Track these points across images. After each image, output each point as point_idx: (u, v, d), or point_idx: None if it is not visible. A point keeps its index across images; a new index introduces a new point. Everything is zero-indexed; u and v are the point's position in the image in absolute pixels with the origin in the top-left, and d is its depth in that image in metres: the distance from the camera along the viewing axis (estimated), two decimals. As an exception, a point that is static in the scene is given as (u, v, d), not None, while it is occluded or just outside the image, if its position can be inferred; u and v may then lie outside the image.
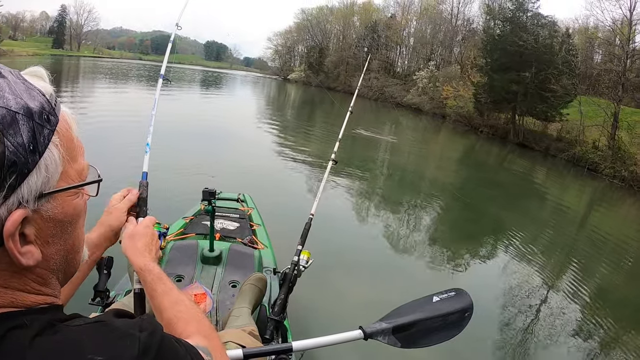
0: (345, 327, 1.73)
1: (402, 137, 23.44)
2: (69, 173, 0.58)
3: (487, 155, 23.48)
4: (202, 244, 3.16)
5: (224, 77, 70.02)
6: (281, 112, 28.82)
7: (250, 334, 2.06)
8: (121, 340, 0.57)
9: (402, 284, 5.59)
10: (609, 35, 26.83)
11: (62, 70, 34.84)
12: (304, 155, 12.66)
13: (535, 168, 20.92)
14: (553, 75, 25.45)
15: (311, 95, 51.57)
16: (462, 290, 1.86)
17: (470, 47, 42.23)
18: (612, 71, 24.19)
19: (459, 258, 7.12)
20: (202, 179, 7.61)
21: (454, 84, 38.21)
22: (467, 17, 49.87)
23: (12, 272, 0.54)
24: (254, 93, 47.04)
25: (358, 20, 67.02)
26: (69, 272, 0.66)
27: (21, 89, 0.53)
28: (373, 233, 7.51)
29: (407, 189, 11.60)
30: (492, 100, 29.74)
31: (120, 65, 59.72)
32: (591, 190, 18.13)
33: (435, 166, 16.52)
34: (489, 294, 5.65)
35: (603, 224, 11.88)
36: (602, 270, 7.99)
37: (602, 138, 22.21)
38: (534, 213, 11.33)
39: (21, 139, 0.50)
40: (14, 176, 0.50)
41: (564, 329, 5.15)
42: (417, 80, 45.08)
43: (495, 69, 29.58)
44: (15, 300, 0.55)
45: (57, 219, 0.58)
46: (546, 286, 6.43)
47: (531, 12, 29.59)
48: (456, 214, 9.95)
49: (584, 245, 9.42)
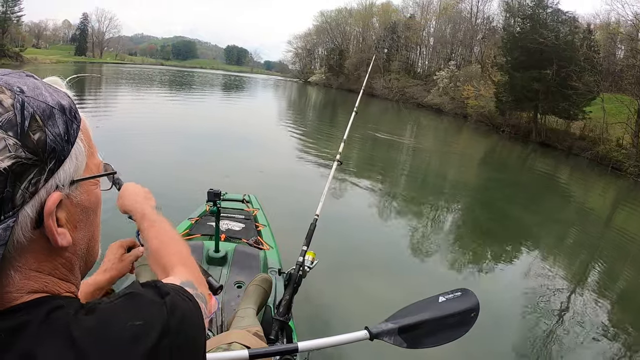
0: (351, 327, 1.76)
1: (423, 138, 23.46)
2: (90, 166, 0.67)
3: (509, 155, 23.31)
4: (208, 244, 3.22)
5: (246, 81, 70.37)
6: (301, 114, 28.98)
7: (256, 334, 2.08)
8: (152, 306, 0.64)
9: (408, 284, 5.58)
10: (631, 30, 26.36)
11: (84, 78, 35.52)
12: (310, 155, 12.68)
13: (558, 167, 20.72)
14: (575, 73, 25.04)
15: (332, 97, 51.59)
16: (468, 290, 1.87)
17: (491, 45, 41.78)
18: (635, 67, 23.60)
19: (472, 259, 7.06)
20: (210, 180, 7.39)
21: (475, 84, 37.96)
22: (487, 16, 49.28)
23: (45, 255, 0.61)
24: (275, 96, 47.26)
25: (377, 22, 66.84)
26: (90, 262, 0.72)
27: (51, 90, 0.62)
28: (378, 234, 7.49)
29: (424, 190, 11.59)
30: (513, 99, 29.42)
31: (144, 71, 60.50)
32: (615, 189, 17.89)
33: (456, 167, 16.50)
34: (505, 295, 5.65)
35: (628, 225, 11.71)
36: (626, 273, 7.83)
37: (626, 136, 21.87)
38: (556, 213, 11.23)
39: (58, 130, 0.58)
40: (54, 161, 0.57)
41: (580, 332, 5.06)
42: (437, 80, 44.89)
43: (516, 67, 29.20)
44: (47, 285, 0.61)
45: (84, 205, 0.66)
46: (567, 288, 6.32)
47: (551, 9, 29.14)
48: (476, 215, 9.97)
49: (607, 246, 9.22)
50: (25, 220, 0.55)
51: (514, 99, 29.42)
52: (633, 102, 22.06)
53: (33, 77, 0.61)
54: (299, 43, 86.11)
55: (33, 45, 76.71)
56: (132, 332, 0.58)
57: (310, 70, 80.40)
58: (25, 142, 0.53)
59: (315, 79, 73.67)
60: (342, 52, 71.17)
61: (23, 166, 0.53)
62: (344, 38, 73.77)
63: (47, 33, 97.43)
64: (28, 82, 0.58)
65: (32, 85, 0.58)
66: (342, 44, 73.31)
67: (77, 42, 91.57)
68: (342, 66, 68.31)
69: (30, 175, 0.54)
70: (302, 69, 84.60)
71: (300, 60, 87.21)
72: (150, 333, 0.60)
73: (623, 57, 30.92)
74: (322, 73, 73.89)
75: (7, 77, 0.57)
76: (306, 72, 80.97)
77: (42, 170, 0.55)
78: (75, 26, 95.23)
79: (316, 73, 76.32)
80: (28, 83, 0.58)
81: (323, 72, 73.87)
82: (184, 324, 0.66)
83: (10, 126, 0.53)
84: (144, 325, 0.60)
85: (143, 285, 0.69)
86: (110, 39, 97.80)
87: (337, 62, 70.13)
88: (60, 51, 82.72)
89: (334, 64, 70.86)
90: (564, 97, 25.86)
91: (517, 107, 29.92)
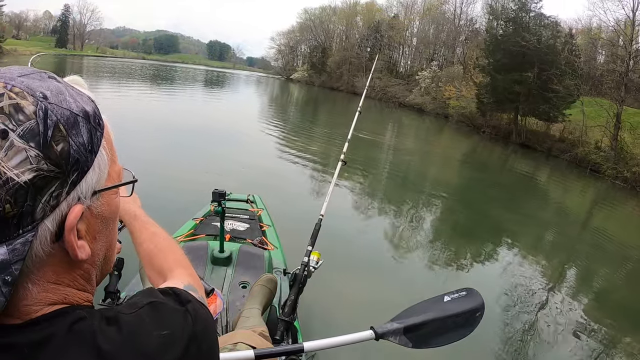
0: (356, 327, 1.73)
1: (406, 138, 23.53)
2: (111, 174, 0.63)
3: (490, 155, 23.50)
4: (212, 245, 3.18)
5: (228, 77, 70.06)
6: (286, 112, 28.90)
7: (261, 334, 2.07)
8: (176, 314, 0.65)
9: (413, 284, 5.60)
10: (612, 36, 26.84)
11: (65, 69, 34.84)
12: (312, 155, 12.73)
13: (538, 168, 20.93)
14: (555, 76, 25.43)
15: (314, 94, 51.60)
16: (473, 289, 1.86)
17: (473, 47, 42.21)
18: (615, 72, 24.09)
19: (468, 259, 7.08)
20: (211, 180, 7.62)
21: (457, 84, 38.25)
22: (470, 17, 49.99)
23: (64, 267, 0.58)
24: (258, 92, 47.10)
25: (361, 20, 66.99)
26: (105, 270, 0.70)
27: (75, 94, 0.58)
28: (383, 233, 7.51)
29: (414, 191, 11.57)
30: (494, 101, 29.63)
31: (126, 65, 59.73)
32: (594, 191, 18.14)
33: (440, 167, 16.57)
34: (493, 294, 5.62)
35: (606, 225, 11.88)
36: (604, 272, 8.00)
37: (604, 139, 22.16)
38: (537, 214, 11.34)
39: (82, 139, 0.55)
40: (76, 173, 0.54)
41: (567, 328, 5.18)
42: (419, 80, 45.13)
43: (498, 69, 29.44)
44: (67, 297, 0.59)
45: (103, 216, 0.63)
46: (548, 287, 6.43)
47: (534, 13, 29.43)
48: (462, 216, 9.96)
49: (586, 246, 9.41)
50: (44, 234, 0.53)
51: (495, 101, 29.63)
52: (612, 106, 22.36)
53: (55, 80, 0.58)
54: (282, 40, 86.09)
55: (13, 36, 74.65)
56: (160, 342, 0.59)
57: (293, 68, 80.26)
58: (47, 153, 0.51)
59: (298, 77, 73.49)
60: (325, 50, 71.16)
61: (45, 179, 0.51)
62: (327, 36, 73.81)
63: (28, 24, 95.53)
64: (51, 86, 0.55)
65: (56, 89, 0.55)
66: (325, 42, 73.32)
67: (58, 34, 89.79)
68: (325, 64, 68.31)
69: (52, 188, 0.52)
70: (285, 66, 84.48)
71: (282, 57, 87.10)
72: (178, 342, 0.61)
73: (603, 62, 31.56)
74: (305, 70, 73.80)
75: (28, 80, 0.54)
76: (288, 69, 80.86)
77: (64, 182, 0.53)
78: (57, 17, 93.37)
79: (298, 70, 76.18)
80: (51, 87, 0.55)
81: (305, 70, 73.75)
82: (207, 330, 0.67)
83: (32, 136, 0.50)
84: (171, 334, 0.61)
85: (162, 292, 0.70)
86: (91, 31, 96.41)
87: (320, 60, 70.05)
88: (40, 43, 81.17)
89: (317, 62, 70.80)
90: (544, 99, 26.19)
91: (498, 109, 30.15)
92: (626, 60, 23.42)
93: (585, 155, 21.65)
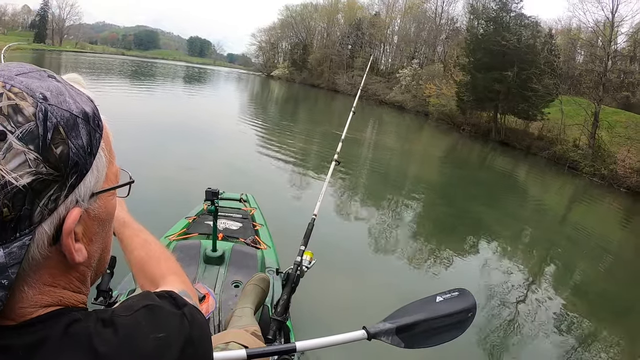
0: (349, 327, 1.73)
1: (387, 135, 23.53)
2: (109, 175, 0.62)
3: (470, 153, 23.63)
4: (205, 244, 3.17)
5: (209, 73, 69.37)
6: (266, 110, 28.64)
7: (253, 334, 2.07)
8: (172, 318, 0.64)
9: (405, 282, 5.61)
10: (591, 37, 27.19)
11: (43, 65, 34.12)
12: (304, 154, 12.67)
13: (517, 166, 21.14)
14: (535, 75, 25.74)
15: (296, 92, 51.46)
16: (465, 290, 1.85)
17: (454, 46, 42.55)
18: (594, 72, 24.60)
19: (469, 256, 7.24)
20: (203, 179, 7.44)
21: (437, 82, 38.43)
22: (451, 16, 50.34)
23: (61, 270, 0.57)
24: (239, 89, 46.65)
25: (342, 18, 66.87)
26: (99, 271, 0.69)
27: (74, 94, 0.56)
28: (375, 233, 7.49)
29: (395, 187, 11.57)
30: (474, 99, 29.92)
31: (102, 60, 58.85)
32: (572, 187, 18.37)
33: (421, 165, 16.58)
34: (479, 290, 5.65)
35: (585, 221, 12.11)
36: (583, 266, 8.22)
37: (582, 137, 22.53)
38: (516, 211, 11.48)
39: (81, 141, 0.53)
40: (75, 176, 0.53)
41: (548, 321, 5.26)
42: (400, 78, 45.24)
43: (478, 68, 29.70)
44: (62, 299, 0.57)
45: (100, 218, 0.61)
46: (529, 282, 6.58)
47: (514, 13, 29.77)
48: (446, 214, 9.91)
49: (564, 241, 9.58)
50: (42, 238, 0.52)
51: (475, 99, 29.92)
52: (590, 105, 22.77)
53: (55, 79, 0.56)
54: (263, 36, 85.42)
55: (-10, 31, 73.52)
56: (156, 345, 0.59)
57: (274, 64, 79.80)
58: (47, 156, 0.49)
59: (278, 73, 73.13)
60: (306, 47, 70.96)
61: (43, 183, 0.49)
62: (309, 33, 73.58)
63: (6, 18, 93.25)
64: (51, 86, 0.54)
65: (56, 90, 0.54)
66: (306, 39, 73.07)
67: (36, 29, 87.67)
68: (306, 61, 68.09)
69: (51, 191, 0.51)
70: (266, 62, 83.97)
71: (263, 54, 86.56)
72: (174, 345, 0.61)
73: (582, 62, 32.04)
74: (285, 67, 73.46)
75: (27, 79, 0.53)
76: (269, 66, 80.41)
77: (62, 186, 0.52)
78: (35, 12, 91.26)
79: (279, 67, 75.76)
80: (51, 87, 0.54)
81: (286, 67, 73.44)
82: (203, 335, 0.67)
83: (32, 139, 0.48)
84: (167, 337, 0.61)
85: (158, 295, 0.69)
86: (70, 26, 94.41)
87: (301, 57, 69.84)
88: (18, 37, 78.83)
89: (298, 59, 70.57)
90: (523, 98, 26.54)
91: (477, 107, 30.46)
92: (604, 60, 23.86)
93: (563, 153, 22.00)
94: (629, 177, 18.67)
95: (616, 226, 12.76)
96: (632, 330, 5.86)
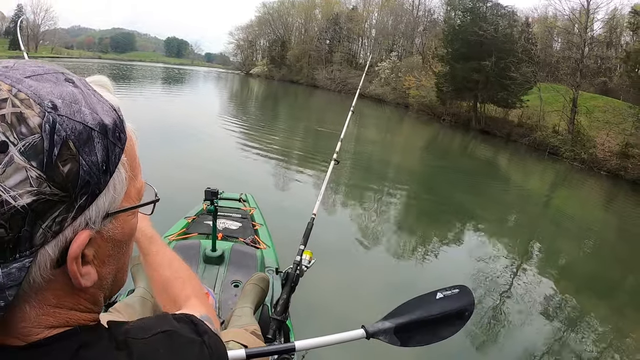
0: (348, 326, 1.73)
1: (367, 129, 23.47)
2: (130, 192, 0.56)
3: (451, 142, 23.67)
4: (205, 243, 3.17)
5: (188, 73, 68.34)
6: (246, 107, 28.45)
7: (253, 333, 2.06)
8: (192, 346, 0.61)
9: (403, 281, 5.57)
10: (568, 24, 27.43)
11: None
12: (301, 153, 12.39)
13: (498, 153, 21.26)
14: (513, 64, 25.91)
15: (275, 89, 51.26)
16: (466, 287, 1.83)
17: (432, 37, 42.63)
18: (571, 58, 24.89)
19: (469, 252, 7.12)
20: (203, 178, 7.26)
21: (416, 74, 38.47)
22: (428, 8, 50.50)
23: (66, 292, 0.51)
24: (219, 88, 46.27)
25: (320, 13, 66.62)
26: (115, 290, 0.63)
27: (94, 102, 0.50)
28: (374, 232, 7.43)
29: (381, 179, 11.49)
30: (453, 89, 30.01)
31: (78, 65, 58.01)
32: (553, 172, 18.51)
33: (403, 156, 16.56)
34: (475, 283, 5.66)
35: (567, 205, 12.23)
36: (566, 249, 8.27)
37: (561, 123, 22.74)
38: (499, 197, 11.53)
39: (95, 158, 0.47)
40: (85, 197, 0.47)
41: (534, 306, 5.30)
42: (379, 71, 45.26)
43: (457, 58, 29.81)
44: (70, 320, 0.52)
45: (116, 239, 0.55)
46: (514, 267, 6.65)
47: (491, 3, 29.96)
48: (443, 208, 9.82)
49: (548, 225, 9.67)
50: (44, 260, 0.46)
51: (454, 89, 30.01)
52: (568, 91, 22.93)
53: (73, 83, 0.50)
54: (241, 34, 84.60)
55: (-36, 39, 71.85)
56: None
57: (252, 62, 79.23)
58: (51, 175, 0.43)
59: (257, 71, 72.68)
60: (284, 43, 70.62)
61: (47, 203, 0.44)
62: (286, 29, 73.22)
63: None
64: (64, 93, 0.47)
65: (69, 97, 0.47)
66: (284, 36, 72.71)
67: (11, 36, 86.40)
68: (284, 58, 67.77)
69: (55, 213, 0.45)
70: (244, 60, 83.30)
71: (242, 52, 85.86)
72: None
73: (559, 49, 32.33)
74: (264, 65, 73.04)
75: (38, 83, 0.46)
76: (248, 64, 79.80)
77: (70, 207, 0.46)
78: (10, 18, 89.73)
79: (258, 65, 75.27)
80: (64, 94, 0.47)
81: (265, 64, 73.02)
82: None
83: (35, 154, 0.42)
84: None
85: (176, 319, 0.66)
86: (46, 31, 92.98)
87: (279, 54, 69.49)
88: (-7, 45, 78.09)
89: (276, 56, 70.22)
90: (502, 86, 26.67)
91: (457, 97, 30.62)
92: (581, 47, 24.12)
93: (543, 139, 22.18)
94: (608, 161, 18.85)
95: (598, 208, 12.92)
96: (618, 308, 5.92)
